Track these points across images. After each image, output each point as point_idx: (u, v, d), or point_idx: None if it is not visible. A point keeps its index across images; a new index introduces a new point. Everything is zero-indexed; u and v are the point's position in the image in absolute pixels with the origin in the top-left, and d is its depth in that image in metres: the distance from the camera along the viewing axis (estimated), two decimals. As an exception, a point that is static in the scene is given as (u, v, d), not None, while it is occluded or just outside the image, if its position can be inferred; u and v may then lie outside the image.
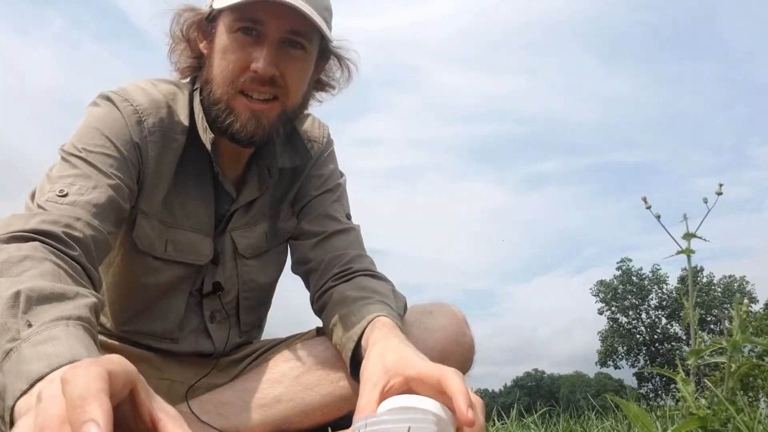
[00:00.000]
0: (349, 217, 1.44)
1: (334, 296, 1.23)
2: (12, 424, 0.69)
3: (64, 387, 0.58)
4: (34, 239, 0.93)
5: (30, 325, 0.77)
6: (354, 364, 1.11)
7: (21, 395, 0.69)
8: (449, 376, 0.80)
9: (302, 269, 1.37)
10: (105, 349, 1.07)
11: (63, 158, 1.14)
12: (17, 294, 0.80)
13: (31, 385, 0.69)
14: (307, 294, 1.37)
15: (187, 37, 1.28)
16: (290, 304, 1.58)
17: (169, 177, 1.25)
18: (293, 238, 1.42)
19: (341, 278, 1.28)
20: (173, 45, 1.30)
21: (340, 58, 1.34)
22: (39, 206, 1.03)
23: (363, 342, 1.08)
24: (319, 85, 1.36)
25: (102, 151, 1.14)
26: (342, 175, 1.50)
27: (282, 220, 1.43)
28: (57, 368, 0.70)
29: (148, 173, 1.21)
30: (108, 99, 1.22)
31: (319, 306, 1.29)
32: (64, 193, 1.05)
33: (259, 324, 1.49)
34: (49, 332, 0.76)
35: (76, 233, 0.99)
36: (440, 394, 0.81)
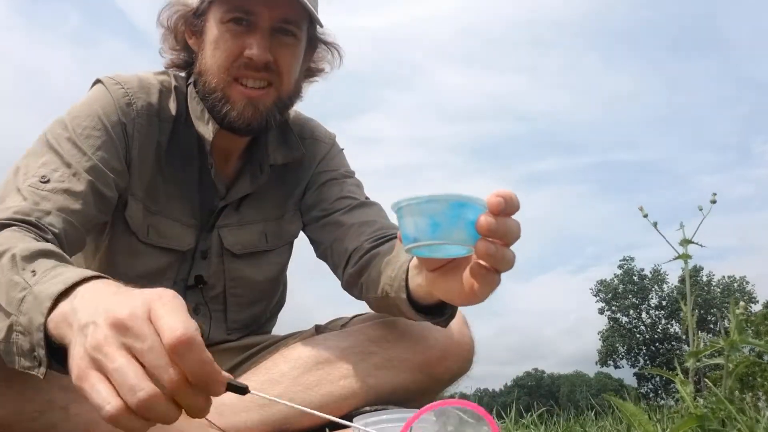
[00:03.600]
0: (367, 199, 1.43)
1: (382, 250, 1.21)
2: (48, 346, 0.77)
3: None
4: (9, 225, 0.98)
5: (35, 273, 0.84)
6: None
7: (48, 312, 0.76)
8: None
9: (331, 236, 1.35)
10: None
11: (49, 141, 1.16)
12: (13, 256, 0.88)
13: (55, 302, 0.76)
14: (309, 292, 1.37)
15: (174, 28, 1.30)
16: (295, 302, 1.57)
17: (154, 163, 1.28)
18: (314, 222, 1.41)
19: (382, 239, 1.26)
20: (162, 34, 1.33)
21: (327, 44, 1.37)
22: (19, 190, 1.06)
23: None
24: (310, 72, 1.38)
25: (89, 133, 1.18)
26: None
27: (286, 221, 1.44)
28: (72, 285, 0.77)
29: (134, 155, 1.24)
30: (100, 82, 1.27)
31: (359, 267, 1.26)
32: (46, 179, 1.09)
33: (258, 326, 1.47)
34: (55, 271, 0.83)
35: (49, 225, 1.02)
36: None
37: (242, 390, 0.67)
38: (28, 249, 0.89)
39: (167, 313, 0.64)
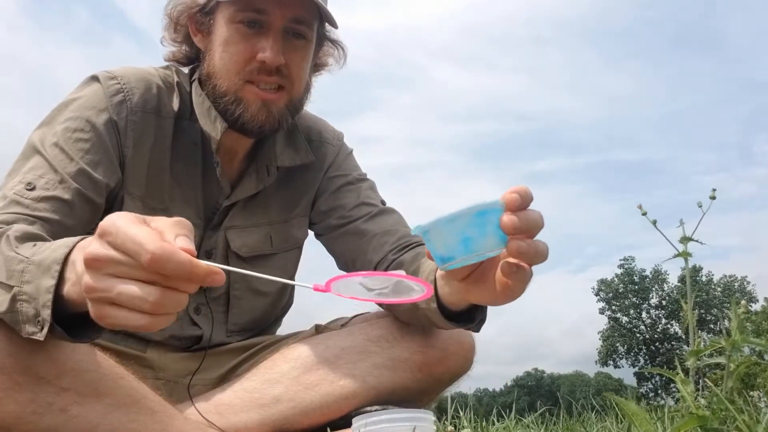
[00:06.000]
0: (384, 203, 1.43)
1: (406, 259, 1.21)
2: (55, 310, 0.82)
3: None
4: None
5: (34, 245, 0.90)
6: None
7: (59, 276, 0.82)
8: None
9: (353, 247, 1.35)
10: (97, 347, 1.06)
11: (35, 145, 1.15)
12: (7, 237, 0.93)
13: (62, 266, 0.82)
14: (309, 292, 1.36)
15: (176, 22, 1.28)
16: (295, 302, 1.56)
17: (155, 159, 1.25)
18: (332, 230, 1.41)
19: (405, 248, 1.26)
20: (165, 24, 1.30)
21: (333, 42, 1.36)
22: (5, 197, 1.06)
23: None
24: (316, 67, 1.37)
25: (77, 136, 1.16)
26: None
27: (293, 226, 1.42)
28: (74, 246, 0.83)
29: (128, 152, 1.22)
30: (95, 79, 1.24)
31: None
32: (32, 186, 1.08)
33: (260, 330, 1.45)
34: (51, 243, 0.88)
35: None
36: None
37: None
38: (21, 230, 0.96)
39: (129, 236, 0.70)
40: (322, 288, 0.74)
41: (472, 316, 1.06)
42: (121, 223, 0.71)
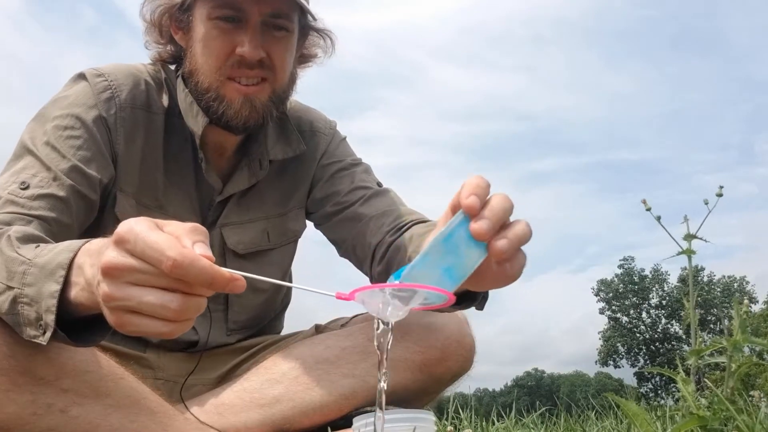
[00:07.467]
0: (380, 185, 1.42)
1: (403, 242, 1.20)
2: (59, 318, 0.82)
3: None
4: None
5: (37, 246, 0.89)
6: None
7: (64, 281, 0.81)
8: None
9: (351, 232, 1.34)
10: (97, 348, 1.06)
11: (27, 145, 1.14)
12: (8, 237, 0.92)
13: (67, 271, 0.81)
14: (313, 294, 1.35)
15: (158, 23, 1.27)
16: (295, 302, 1.55)
17: (147, 156, 1.25)
18: (330, 218, 1.40)
19: (402, 228, 1.25)
20: (145, 28, 1.30)
21: (319, 31, 1.34)
22: None
23: None
24: (303, 58, 1.36)
25: (68, 134, 1.15)
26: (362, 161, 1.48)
27: (290, 219, 1.42)
28: (78, 250, 0.82)
29: (119, 149, 1.21)
30: (83, 76, 1.23)
31: (385, 263, 1.25)
32: (26, 185, 1.07)
33: (260, 327, 1.45)
34: (54, 245, 0.87)
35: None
36: None
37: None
38: (22, 231, 0.95)
39: (148, 243, 0.68)
40: (345, 296, 0.71)
41: (473, 296, 1.05)
42: (139, 229, 0.69)
